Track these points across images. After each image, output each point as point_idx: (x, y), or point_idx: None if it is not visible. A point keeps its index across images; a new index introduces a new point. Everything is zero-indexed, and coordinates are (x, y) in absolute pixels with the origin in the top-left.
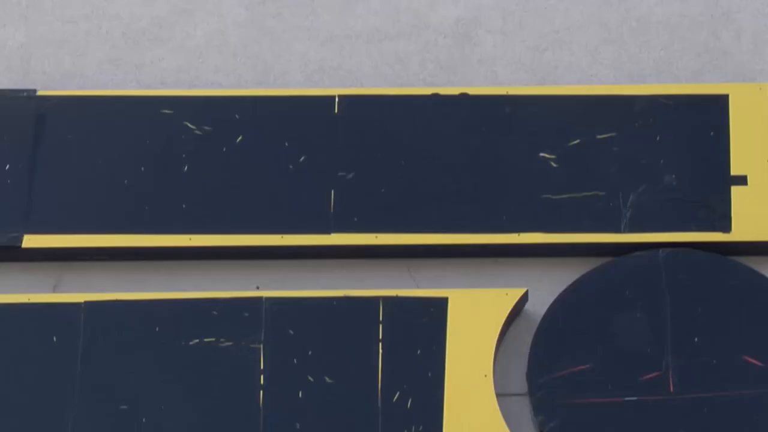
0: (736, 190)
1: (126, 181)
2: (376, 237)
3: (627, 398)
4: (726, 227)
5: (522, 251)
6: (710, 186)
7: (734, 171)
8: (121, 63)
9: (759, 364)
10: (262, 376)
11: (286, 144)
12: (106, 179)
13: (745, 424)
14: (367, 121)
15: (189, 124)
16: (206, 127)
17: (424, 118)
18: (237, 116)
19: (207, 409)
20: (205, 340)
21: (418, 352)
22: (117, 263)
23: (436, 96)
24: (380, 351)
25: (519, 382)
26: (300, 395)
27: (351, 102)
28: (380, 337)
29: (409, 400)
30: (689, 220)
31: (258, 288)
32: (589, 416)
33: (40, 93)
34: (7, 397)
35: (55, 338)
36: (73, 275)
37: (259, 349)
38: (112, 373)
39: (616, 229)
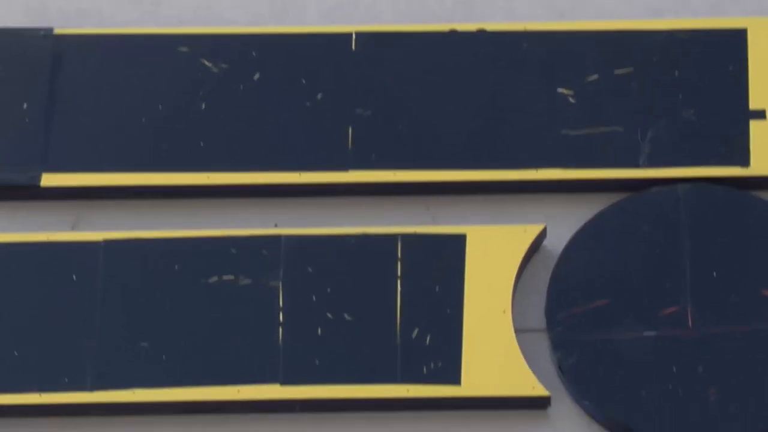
0: (754, 125)
1: (143, 120)
2: (394, 174)
3: (645, 333)
4: (744, 161)
5: (540, 187)
6: (729, 120)
7: (753, 105)
8: (138, 1)
9: None
10: (281, 314)
11: (303, 81)
12: (124, 117)
13: (764, 359)
14: (385, 58)
15: (206, 62)
16: (223, 65)
17: (441, 54)
18: (254, 54)
19: (226, 347)
20: (224, 278)
21: (437, 288)
22: (135, 201)
23: (453, 32)
24: (399, 288)
25: (537, 318)
26: (319, 332)
27: (368, 39)
28: (399, 274)
29: (428, 337)
30: (708, 155)
31: (276, 226)
32: (608, 352)
33: (57, 32)
34: (27, 336)
35: (74, 277)
36: (92, 214)
37: (278, 286)
38: (132, 311)
39: (635, 165)
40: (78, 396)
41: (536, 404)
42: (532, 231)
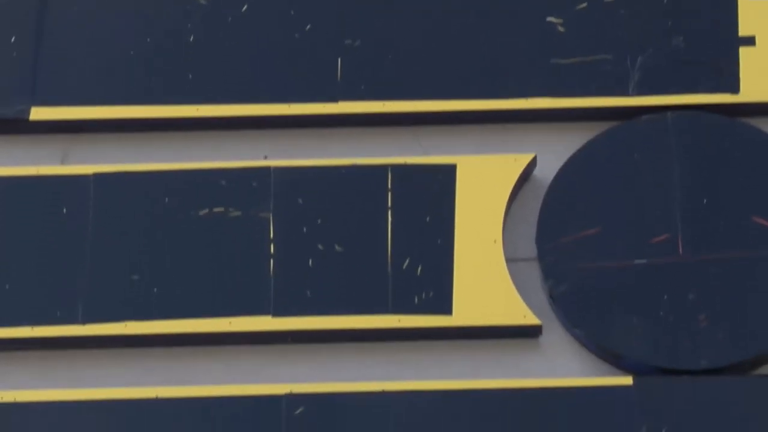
0: (744, 51)
1: (132, 53)
2: (383, 105)
3: (636, 261)
4: (734, 88)
5: (530, 116)
6: (718, 47)
7: (742, 32)
8: None
9: (767, 224)
10: (272, 245)
11: (292, 12)
12: (113, 51)
13: (754, 285)
14: None
15: None
16: None
17: None
18: None
19: (217, 279)
20: (214, 210)
21: (427, 219)
22: (125, 135)
23: None
24: (389, 218)
25: (528, 247)
26: (310, 264)
27: None
28: (389, 204)
29: (419, 267)
30: (697, 82)
31: (266, 158)
32: (599, 280)
33: None
34: (18, 270)
35: (64, 210)
36: (82, 147)
37: (269, 218)
38: (122, 245)
39: (624, 93)
40: (70, 329)
41: (527, 333)
42: (522, 160)
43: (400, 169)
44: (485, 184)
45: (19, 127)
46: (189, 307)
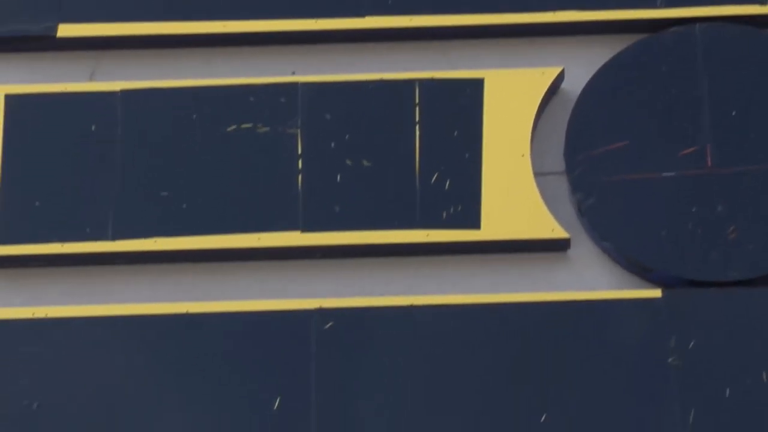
0: None
1: None
2: (411, 19)
3: (665, 174)
4: None
5: (558, 30)
6: None
7: None
8: None
9: None
10: (300, 161)
11: None
12: None
13: None
14: None
15: None
16: None
17: None
18: None
19: (246, 195)
20: (243, 126)
21: (455, 133)
22: (153, 51)
23: None
24: (417, 133)
25: (556, 160)
26: (338, 179)
27: None
28: (417, 119)
29: (447, 182)
30: None
31: (294, 73)
32: (627, 192)
33: None
34: (48, 187)
35: (93, 127)
36: (109, 64)
37: (297, 134)
38: (151, 161)
39: (653, 5)
40: (99, 245)
41: (556, 246)
42: (550, 74)
43: (427, 84)
44: (513, 98)
45: (47, 44)
46: (218, 223)
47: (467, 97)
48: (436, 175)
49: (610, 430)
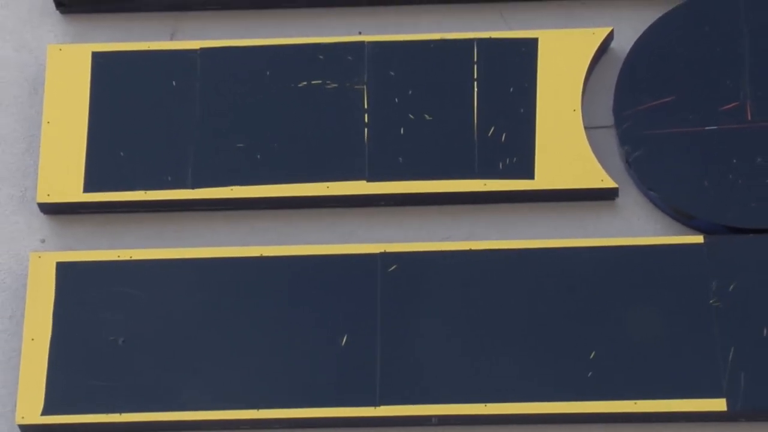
0: None
1: None
2: None
3: (707, 128)
4: None
5: None
6: None
7: None
8: None
9: None
10: (366, 115)
11: None
12: None
13: None
14: None
15: None
16: None
17: None
18: None
19: (316, 147)
20: (313, 82)
21: (511, 89)
22: (228, 12)
23: None
24: (475, 89)
25: (606, 115)
26: (402, 132)
27: None
28: (475, 76)
29: (503, 135)
30: None
31: (360, 33)
32: (672, 145)
33: None
34: (131, 139)
35: (174, 83)
36: (189, 24)
37: (363, 89)
38: (228, 115)
39: None
40: (180, 193)
41: (605, 195)
42: (600, 33)
43: (485, 43)
44: (565, 57)
45: (132, 5)
46: (290, 173)
47: (522, 56)
48: (492, 129)
49: (654, 367)
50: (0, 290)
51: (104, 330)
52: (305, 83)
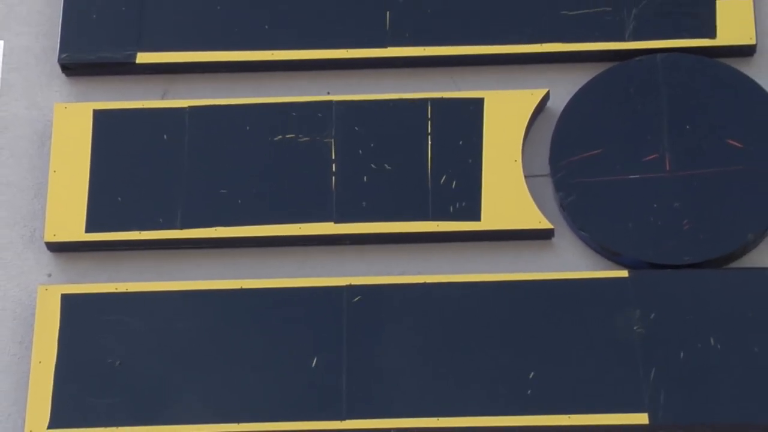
0: (720, 3)
1: (219, 8)
2: (424, 49)
3: (631, 176)
4: (712, 34)
5: (544, 58)
6: (699, 1)
7: None
8: None
9: (739, 145)
10: (333, 165)
11: None
12: (204, 5)
13: (727, 195)
14: None
15: None
16: None
17: None
18: None
19: (289, 192)
20: (287, 136)
21: (460, 142)
22: (214, 75)
23: None
24: (429, 143)
25: (543, 165)
26: (365, 179)
27: None
28: (429, 131)
29: (454, 182)
30: (682, 29)
31: (329, 93)
32: (600, 191)
33: None
34: (128, 185)
35: (165, 136)
36: (179, 85)
37: (331, 142)
38: (213, 164)
39: (621, 38)
40: (170, 233)
41: (542, 235)
42: (537, 94)
43: (437, 102)
44: (507, 114)
45: (128, 68)
46: (266, 215)
47: (470, 113)
48: (444, 177)
49: (585, 385)
50: (11, 319)
51: (103, 353)
52: (280, 137)
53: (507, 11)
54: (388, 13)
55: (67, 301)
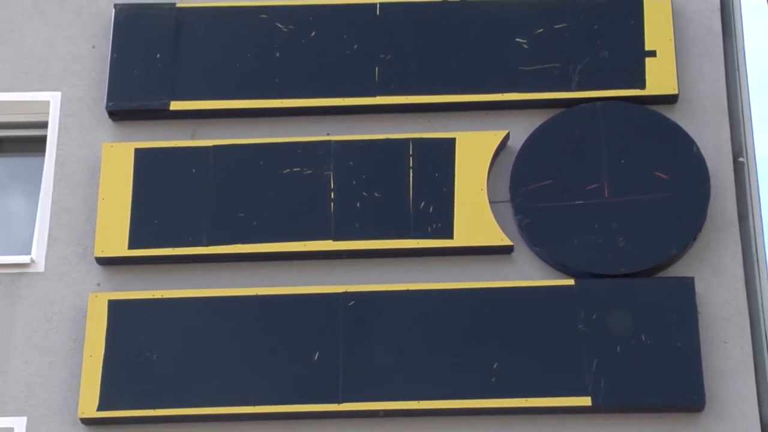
0: (648, 60)
1: (238, 65)
2: (407, 98)
3: (576, 202)
4: (642, 85)
5: (505, 105)
6: (632, 58)
7: (647, 47)
8: None
9: (665, 177)
10: (332, 193)
11: (345, 36)
12: (226, 63)
13: (655, 218)
14: (403, 23)
15: (279, 24)
16: (290, 26)
17: (438, 16)
18: (311, 18)
19: (295, 215)
20: (294, 169)
21: (436, 175)
22: (235, 119)
23: (444, 3)
24: (411, 174)
25: (504, 193)
26: (358, 205)
27: (391, 8)
28: (411, 165)
29: (431, 207)
30: (617, 81)
31: (328, 134)
32: (551, 215)
33: (179, 5)
34: (162, 209)
35: (193, 170)
36: (205, 128)
37: (330, 174)
38: (233, 192)
39: (569, 89)
40: (197, 249)
41: (504, 251)
42: (499, 135)
43: (417, 142)
44: (475, 151)
45: (162, 114)
46: (277, 234)
47: (444, 151)
48: (423, 203)
49: (539, 374)
50: (67, 320)
51: (142, 348)
52: (288, 170)
53: (474, 67)
54: (377, 68)
55: (113, 305)
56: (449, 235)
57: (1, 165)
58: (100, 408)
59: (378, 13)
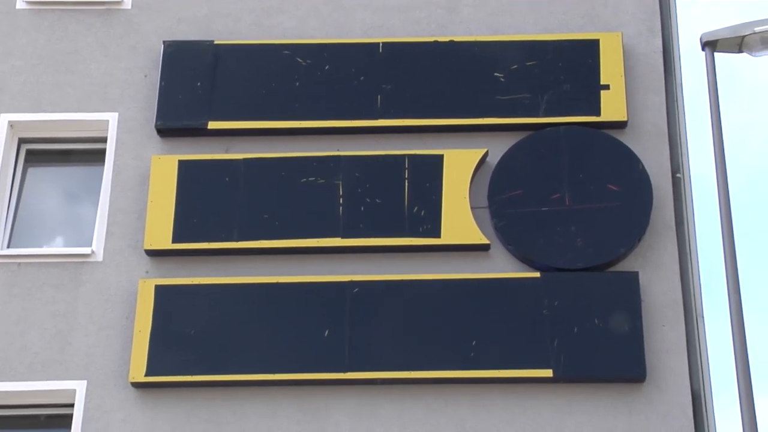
0: (603, 93)
1: (265, 92)
2: (404, 121)
3: (542, 209)
4: (597, 113)
5: (485, 128)
6: (589, 90)
7: (602, 81)
8: (263, 26)
9: (616, 188)
10: (341, 199)
11: (353, 70)
12: (256, 89)
13: (608, 222)
14: (404, 60)
15: (299, 59)
16: (308, 61)
17: (429, 58)
18: (325, 54)
19: (310, 216)
20: (309, 179)
21: (427, 185)
22: (263, 137)
23: (435, 43)
24: (406, 185)
25: (483, 200)
26: (362, 209)
27: (389, 48)
28: (406, 176)
29: (423, 211)
30: (577, 109)
31: (338, 150)
32: (521, 219)
33: (216, 42)
34: (200, 211)
35: (227, 179)
36: (237, 144)
37: (339, 184)
38: (260, 197)
39: (537, 115)
40: (229, 244)
41: (482, 248)
42: (479, 152)
43: (412, 157)
44: (459, 166)
45: (201, 132)
46: (294, 232)
47: (434, 165)
48: (416, 208)
49: (509, 350)
50: (121, 302)
51: (183, 325)
52: (305, 179)
53: (460, 95)
54: (379, 96)
55: (159, 289)
56: (437, 235)
57: (68, 173)
58: (148, 374)
59: (381, 50)
